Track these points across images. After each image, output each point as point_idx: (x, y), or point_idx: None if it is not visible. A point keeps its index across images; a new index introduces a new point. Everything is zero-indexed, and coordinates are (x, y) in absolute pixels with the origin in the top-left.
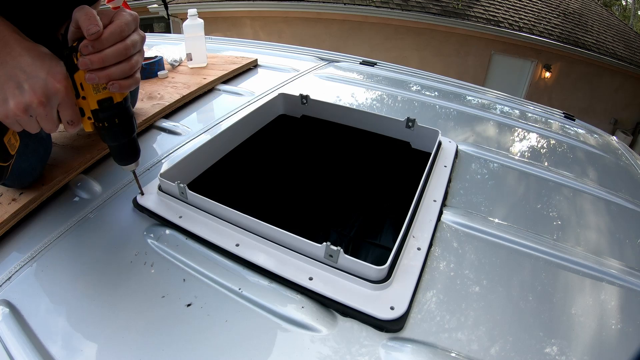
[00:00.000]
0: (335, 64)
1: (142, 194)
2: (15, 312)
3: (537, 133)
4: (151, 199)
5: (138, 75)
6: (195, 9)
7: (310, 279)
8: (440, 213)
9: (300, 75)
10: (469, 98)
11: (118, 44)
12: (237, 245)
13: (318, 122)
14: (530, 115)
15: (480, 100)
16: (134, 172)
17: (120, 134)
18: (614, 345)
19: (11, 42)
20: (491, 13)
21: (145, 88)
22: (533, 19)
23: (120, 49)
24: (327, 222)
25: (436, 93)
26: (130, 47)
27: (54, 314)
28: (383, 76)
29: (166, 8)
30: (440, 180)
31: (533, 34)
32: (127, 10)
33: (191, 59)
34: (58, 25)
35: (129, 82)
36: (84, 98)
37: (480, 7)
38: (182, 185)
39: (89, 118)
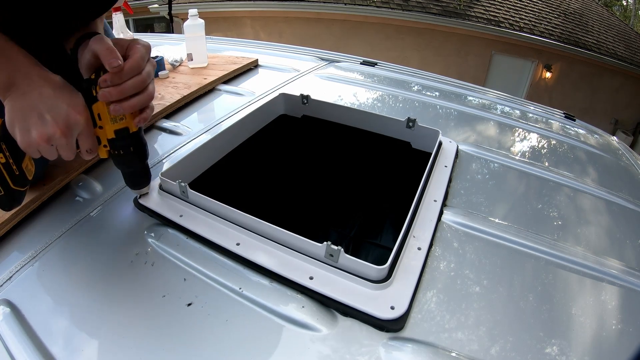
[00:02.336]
0: (336, 64)
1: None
2: (16, 311)
3: (537, 133)
4: (152, 199)
5: (153, 104)
6: (196, 9)
7: (311, 278)
8: (441, 213)
9: (300, 75)
10: (470, 98)
11: (136, 77)
12: (238, 244)
13: (319, 122)
14: (530, 115)
15: (480, 101)
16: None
17: (134, 161)
18: (614, 345)
19: (31, 73)
20: (492, 13)
21: None
22: (533, 19)
23: (139, 81)
24: (328, 222)
25: (437, 93)
26: (147, 79)
27: (54, 314)
28: (383, 76)
29: (170, 9)
30: (440, 180)
31: (533, 34)
32: (141, 41)
33: (192, 59)
34: (66, 37)
35: (149, 112)
36: (100, 127)
37: (480, 7)
38: (183, 184)
39: (105, 146)
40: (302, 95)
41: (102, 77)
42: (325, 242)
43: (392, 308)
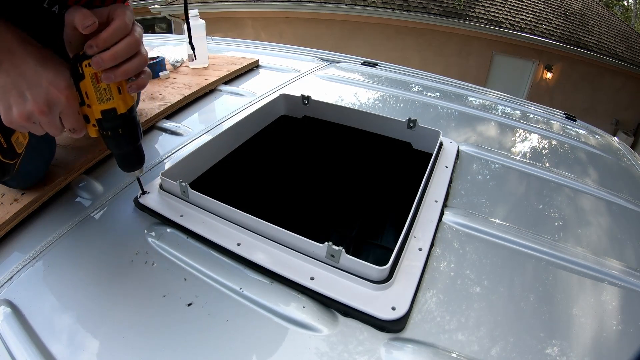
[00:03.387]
0: (337, 64)
1: (143, 192)
2: (16, 311)
3: (538, 134)
4: (152, 198)
5: (149, 69)
6: (197, 10)
7: (312, 278)
8: (442, 213)
9: (301, 75)
10: (470, 99)
11: (127, 39)
12: (239, 244)
13: (319, 123)
14: (531, 115)
15: (481, 101)
16: (137, 177)
17: (124, 143)
18: (615, 345)
19: (15, 48)
20: (492, 14)
21: (147, 88)
22: (534, 20)
23: (131, 42)
24: (329, 223)
25: (437, 94)
26: (139, 40)
27: (55, 314)
28: (384, 77)
29: (186, 10)
30: (441, 181)
31: (534, 35)
32: (123, 5)
33: (193, 60)
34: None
35: (145, 78)
36: (89, 106)
37: (481, 7)
38: (183, 184)
39: (94, 125)
40: (302, 95)
41: (88, 43)
42: (326, 243)
43: (393, 309)
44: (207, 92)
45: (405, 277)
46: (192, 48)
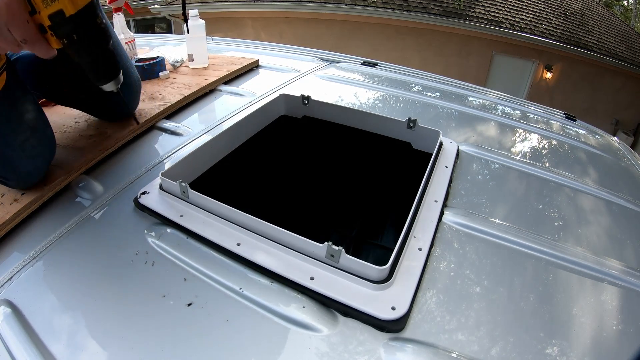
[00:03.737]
0: (337, 64)
1: (138, 123)
2: (16, 311)
3: (538, 134)
4: (152, 198)
5: None
6: (197, 10)
7: (312, 278)
8: (442, 213)
9: (301, 75)
10: (470, 98)
11: None
12: (239, 244)
13: (319, 123)
14: (531, 115)
15: (481, 101)
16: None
17: (83, 50)
18: (615, 345)
19: None
20: (492, 14)
21: (147, 89)
22: (534, 20)
23: None
24: (328, 223)
25: (437, 94)
26: None
27: (55, 314)
28: (384, 77)
29: (184, 8)
30: (441, 181)
31: (534, 35)
32: None
33: (192, 60)
34: None
35: None
36: (39, 13)
37: (481, 7)
38: (183, 184)
39: (52, 35)
40: (302, 95)
41: None
42: (326, 243)
43: (393, 309)
44: (207, 92)
45: (405, 277)
46: (186, 20)
